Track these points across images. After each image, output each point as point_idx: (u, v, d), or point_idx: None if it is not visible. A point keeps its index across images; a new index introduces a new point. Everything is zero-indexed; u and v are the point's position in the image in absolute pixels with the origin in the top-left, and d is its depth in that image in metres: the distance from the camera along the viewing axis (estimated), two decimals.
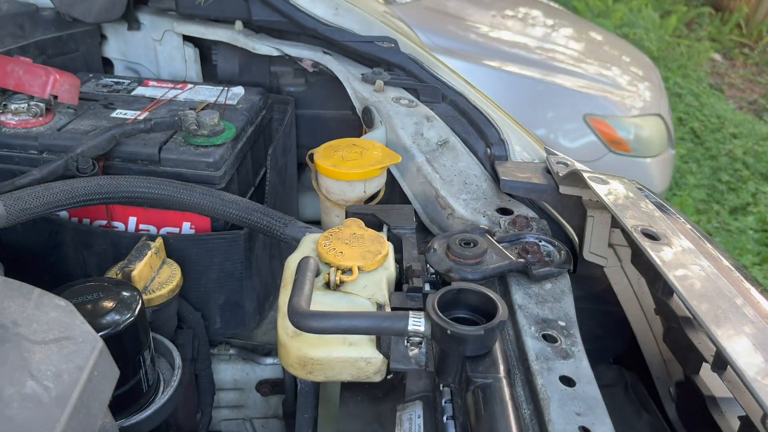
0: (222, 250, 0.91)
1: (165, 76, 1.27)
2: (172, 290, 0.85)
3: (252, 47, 1.16)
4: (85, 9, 1.12)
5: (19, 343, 0.44)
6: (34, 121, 0.92)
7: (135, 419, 0.74)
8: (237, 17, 1.19)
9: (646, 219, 0.64)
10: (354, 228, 0.64)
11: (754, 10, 5.44)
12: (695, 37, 5.28)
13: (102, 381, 0.46)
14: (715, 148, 3.74)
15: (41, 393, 0.41)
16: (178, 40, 1.23)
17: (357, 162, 0.88)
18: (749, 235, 2.99)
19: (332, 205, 0.91)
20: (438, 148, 0.94)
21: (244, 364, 1.03)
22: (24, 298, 0.48)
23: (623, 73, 2.78)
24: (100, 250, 0.90)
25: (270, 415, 1.07)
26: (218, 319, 0.98)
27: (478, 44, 2.61)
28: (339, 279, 0.57)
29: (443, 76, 1.09)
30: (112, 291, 0.72)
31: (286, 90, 1.26)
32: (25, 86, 0.93)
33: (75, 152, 0.84)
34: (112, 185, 0.79)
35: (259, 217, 0.80)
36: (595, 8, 5.04)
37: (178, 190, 0.81)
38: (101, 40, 1.25)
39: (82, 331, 0.47)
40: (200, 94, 1.07)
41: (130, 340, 0.71)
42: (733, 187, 3.37)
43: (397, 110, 1.00)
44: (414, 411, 0.57)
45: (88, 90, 1.07)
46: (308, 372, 0.55)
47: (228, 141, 0.92)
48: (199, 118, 0.91)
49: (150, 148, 0.89)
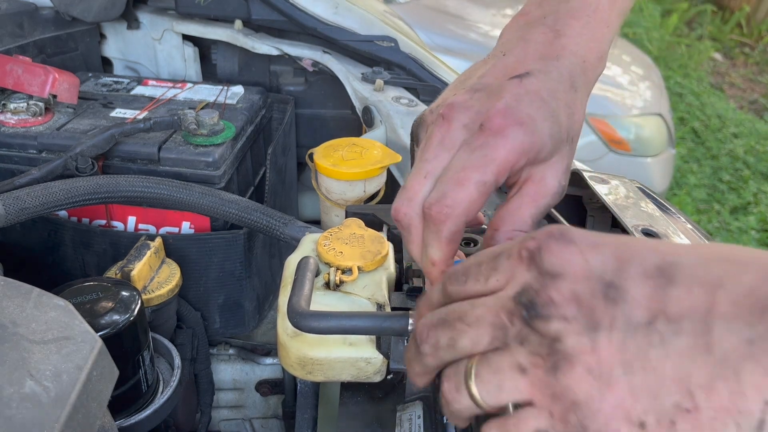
0: (221, 250, 0.91)
1: (164, 75, 1.27)
2: (172, 290, 0.85)
3: (252, 46, 1.15)
4: (85, 8, 1.12)
5: (18, 343, 0.44)
6: (33, 120, 0.92)
7: (134, 419, 0.74)
8: (237, 16, 1.19)
9: (646, 219, 0.64)
10: (354, 228, 0.64)
11: (755, 10, 5.43)
12: (696, 37, 5.27)
13: (101, 381, 0.46)
14: (716, 147, 3.74)
15: (40, 393, 0.41)
16: (177, 39, 1.23)
17: (357, 161, 0.87)
18: (750, 235, 2.99)
19: (332, 205, 0.91)
20: None
21: (244, 364, 1.03)
22: (23, 298, 0.47)
23: (624, 72, 2.78)
24: (99, 249, 0.90)
25: (269, 415, 1.07)
26: (218, 319, 0.97)
27: (478, 43, 2.60)
28: (339, 279, 0.57)
29: (443, 76, 1.09)
30: (111, 291, 0.72)
31: (286, 89, 1.25)
32: (24, 85, 0.93)
33: (74, 152, 0.84)
34: (112, 185, 0.79)
35: (258, 217, 0.80)
36: None
37: (178, 190, 0.81)
38: (100, 40, 1.25)
39: (82, 330, 0.47)
40: (200, 94, 1.07)
41: (130, 339, 0.70)
42: (734, 187, 3.37)
43: (398, 109, 1.00)
44: (414, 411, 0.57)
45: (88, 89, 1.07)
46: (308, 372, 0.55)
47: (227, 140, 0.92)
48: (199, 117, 0.90)
49: (149, 148, 0.89)
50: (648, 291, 0.30)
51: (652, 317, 0.30)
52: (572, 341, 0.31)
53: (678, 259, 0.31)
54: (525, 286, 0.33)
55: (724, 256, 0.31)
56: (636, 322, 0.30)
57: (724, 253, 0.31)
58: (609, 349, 0.30)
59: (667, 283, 0.30)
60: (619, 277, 0.31)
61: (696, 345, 0.28)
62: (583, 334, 0.31)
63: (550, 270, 0.32)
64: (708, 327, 0.28)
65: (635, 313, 0.30)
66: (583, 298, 0.31)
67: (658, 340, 0.29)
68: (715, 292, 0.29)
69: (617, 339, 0.30)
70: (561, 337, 0.31)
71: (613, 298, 0.31)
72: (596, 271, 0.31)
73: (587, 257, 0.32)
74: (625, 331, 0.30)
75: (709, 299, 0.29)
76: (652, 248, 0.32)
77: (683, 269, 0.30)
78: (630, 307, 0.30)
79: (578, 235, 0.33)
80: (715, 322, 0.28)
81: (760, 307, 0.28)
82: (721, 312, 0.28)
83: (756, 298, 0.28)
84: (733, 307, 0.28)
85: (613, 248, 0.32)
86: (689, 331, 0.29)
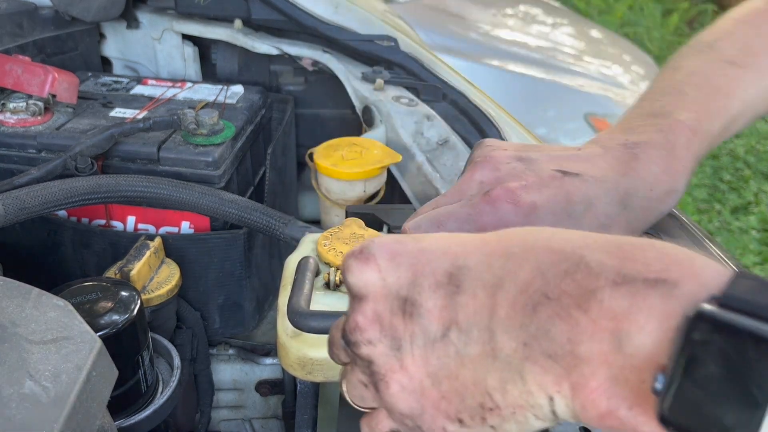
0: (221, 250, 0.91)
1: (164, 74, 1.26)
2: (171, 290, 0.85)
3: (251, 46, 1.15)
4: (84, 8, 1.12)
5: (17, 343, 0.43)
6: (32, 120, 0.92)
7: (134, 419, 0.74)
8: (236, 16, 1.19)
9: None
10: (354, 228, 0.64)
11: None
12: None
13: (101, 381, 0.46)
14: (717, 147, 3.73)
15: (40, 393, 0.41)
16: (177, 38, 1.23)
17: (357, 161, 0.87)
18: (751, 234, 2.98)
19: (332, 205, 0.91)
20: (438, 148, 0.94)
21: (244, 364, 1.03)
22: (22, 298, 0.47)
23: (624, 72, 2.78)
24: (98, 249, 0.90)
25: (269, 415, 1.07)
26: (217, 319, 0.97)
27: (478, 43, 2.60)
28: (339, 279, 0.57)
29: (444, 75, 1.09)
30: (110, 291, 0.72)
31: (286, 89, 1.25)
32: (24, 85, 0.92)
33: (74, 151, 0.83)
34: (111, 184, 0.79)
35: (258, 217, 0.80)
36: (596, 6, 5.03)
37: (177, 190, 0.81)
38: (100, 39, 1.25)
39: (81, 331, 0.46)
40: (199, 93, 1.07)
41: (129, 340, 0.70)
42: (735, 187, 3.37)
43: (398, 109, 1.00)
44: None
45: (87, 89, 1.07)
46: (308, 372, 0.54)
47: (227, 140, 0.92)
48: (199, 117, 0.90)
49: (149, 147, 0.88)
50: (440, 302, 0.31)
51: (446, 329, 0.31)
52: (382, 362, 0.33)
53: (465, 261, 0.31)
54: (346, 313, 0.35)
55: (507, 250, 0.31)
56: (433, 335, 0.31)
57: (508, 246, 0.31)
58: (414, 366, 0.32)
59: (456, 291, 0.31)
60: (413, 291, 0.32)
61: (484, 352, 0.30)
62: (390, 354, 0.32)
63: (356, 293, 0.34)
64: (492, 333, 0.29)
65: (431, 327, 0.31)
66: (384, 318, 0.32)
67: (453, 351, 0.31)
68: (496, 294, 0.30)
69: (419, 354, 0.32)
70: (372, 359, 0.33)
71: (410, 313, 0.32)
72: (393, 288, 0.32)
73: (384, 274, 0.33)
74: (425, 345, 0.31)
75: (491, 302, 0.30)
76: (445, 251, 0.32)
77: (469, 273, 0.31)
78: (426, 321, 0.31)
79: (378, 247, 0.34)
80: (496, 328, 0.29)
81: (531, 306, 0.28)
82: (501, 316, 0.29)
83: (528, 295, 0.29)
84: (510, 309, 0.29)
85: (409, 258, 0.33)
86: (477, 340, 0.30)
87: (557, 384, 0.28)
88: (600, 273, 0.27)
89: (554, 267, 0.29)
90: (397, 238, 0.34)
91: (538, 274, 0.29)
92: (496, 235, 0.33)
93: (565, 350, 0.27)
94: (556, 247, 0.29)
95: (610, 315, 0.26)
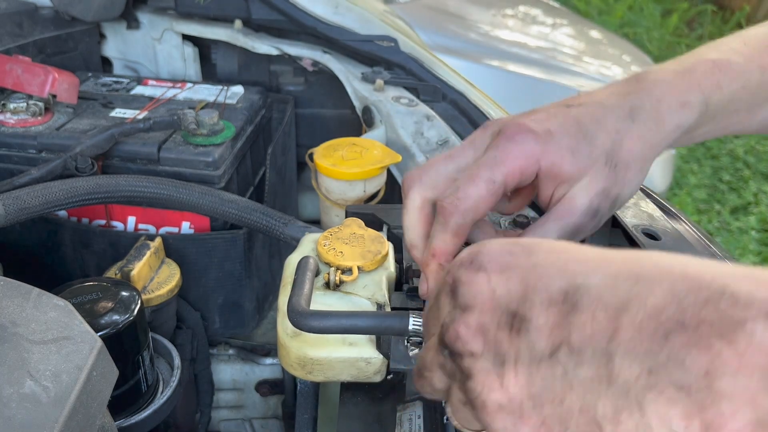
0: (221, 250, 0.91)
1: (164, 75, 1.27)
2: (171, 290, 0.85)
3: (251, 46, 1.15)
4: (84, 8, 1.12)
5: (17, 343, 0.43)
6: (32, 120, 0.92)
7: (134, 419, 0.74)
8: (236, 16, 1.19)
9: (646, 219, 0.63)
10: (354, 228, 0.64)
11: (755, 10, 5.43)
12: (696, 37, 5.27)
13: (101, 381, 0.46)
14: (716, 147, 3.73)
15: (40, 393, 0.41)
16: (177, 39, 1.23)
17: (357, 161, 0.87)
18: (750, 235, 2.98)
19: (332, 205, 0.91)
20: (438, 148, 0.94)
21: (244, 364, 1.03)
22: (22, 298, 0.47)
23: (624, 72, 2.78)
24: (98, 249, 0.90)
25: (269, 415, 1.07)
26: (217, 319, 0.97)
27: (478, 43, 2.60)
28: (339, 279, 0.57)
29: (443, 75, 1.09)
30: (111, 291, 0.72)
31: (286, 89, 1.25)
32: (24, 85, 0.93)
33: (74, 151, 0.84)
34: (111, 184, 0.79)
35: (258, 217, 0.80)
36: (596, 7, 5.03)
37: (177, 190, 0.81)
38: (100, 39, 1.25)
39: (81, 331, 0.46)
40: (199, 93, 1.07)
41: (129, 340, 0.70)
42: (734, 187, 3.37)
43: (397, 109, 1.00)
44: (414, 411, 0.57)
45: (87, 89, 1.07)
46: (308, 372, 0.54)
47: (227, 140, 0.92)
48: (199, 117, 0.90)
49: (149, 148, 0.88)
50: (552, 319, 0.29)
51: (555, 348, 0.29)
52: (481, 378, 0.31)
53: (585, 280, 0.29)
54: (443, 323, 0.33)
55: (635, 272, 0.29)
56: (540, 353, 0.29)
57: (636, 268, 0.29)
58: (516, 385, 0.30)
59: (571, 310, 0.29)
60: (524, 306, 0.30)
61: (598, 376, 0.28)
62: (491, 370, 0.31)
63: (462, 303, 0.32)
64: (609, 357, 0.27)
65: (539, 345, 0.29)
66: (490, 331, 0.31)
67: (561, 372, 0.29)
68: (620, 317, 0.27)
69: (523, 373, 0.30)
70: (472, 374, 0.31)
71: (517, 329, 0.30)
72: (502, 301, 0.31)
73: (494, 286, 0.31)
74: (530, 364, 0.30)
75: (613, 325, 0.28)
76: (561, 269, 0.30)
77: (589, 292, 0.29)
78: (534, 338, 0.29)
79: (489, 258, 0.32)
80: (616, 351, 0.27)
81: (662, 332, 0.26)
82: (623, 339, 0.27)
83: (659, 321, 0.26)
84: (636, 333, 0.27)
85: (521, 272, 0.31)
86: (590, 362, 0.28)
87: (686, 419, 0.25)
88: (750, 303, 0.25)
89: (692, 294, 0.26)
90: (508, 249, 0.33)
91: (673, 301, 0.26)
92: (621, 254, 0.31)
93: (701, 383, 0.25)
94: (693, 273, 0.27)
95: (762, 350, 0.24)
